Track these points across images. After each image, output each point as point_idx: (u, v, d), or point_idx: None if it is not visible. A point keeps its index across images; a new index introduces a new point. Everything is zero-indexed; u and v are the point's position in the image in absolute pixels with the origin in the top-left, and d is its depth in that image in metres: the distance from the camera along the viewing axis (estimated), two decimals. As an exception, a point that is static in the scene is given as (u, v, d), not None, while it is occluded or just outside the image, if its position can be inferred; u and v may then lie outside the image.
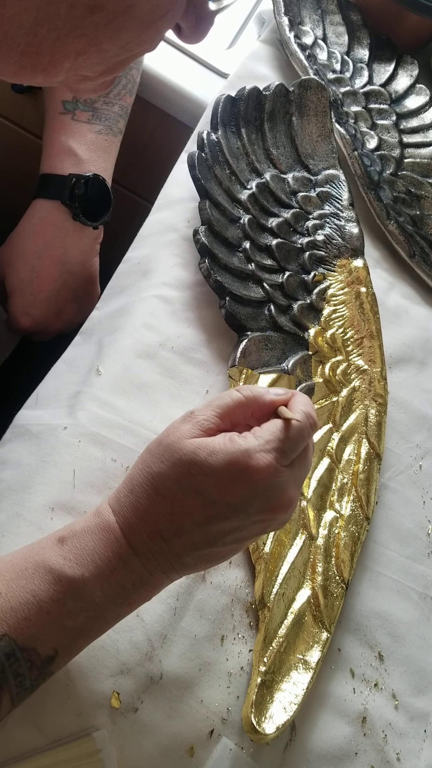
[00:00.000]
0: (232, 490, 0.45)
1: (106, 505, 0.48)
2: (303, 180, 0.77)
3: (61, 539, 0.46)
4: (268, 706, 0.54)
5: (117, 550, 0.45)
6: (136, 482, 0.47)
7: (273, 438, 0.46)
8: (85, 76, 0.41)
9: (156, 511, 0.45)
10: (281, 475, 0.46)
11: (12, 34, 0.36)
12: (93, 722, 0.50)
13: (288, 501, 0.47)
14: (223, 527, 0.45)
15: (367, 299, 0.74)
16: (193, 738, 0.52)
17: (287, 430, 0.47)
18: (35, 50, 0.37)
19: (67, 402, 0.62)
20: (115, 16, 0.37)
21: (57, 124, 0.80)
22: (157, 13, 0.38)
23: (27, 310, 0.80)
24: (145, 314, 0.67)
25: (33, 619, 0.43)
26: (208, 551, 0.46)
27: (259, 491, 0.45)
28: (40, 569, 0.44)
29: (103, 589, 0.45)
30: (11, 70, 0.39)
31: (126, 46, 0.39)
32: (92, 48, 0.38)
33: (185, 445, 0.45)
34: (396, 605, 0.64)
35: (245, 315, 0.67)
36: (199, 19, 0.43)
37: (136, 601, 0.47)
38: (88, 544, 0.45)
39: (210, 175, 0.71)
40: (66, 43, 0.37)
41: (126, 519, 0.46)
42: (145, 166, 0.99)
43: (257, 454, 0.45)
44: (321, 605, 0.59)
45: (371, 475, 0.66)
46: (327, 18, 0.92)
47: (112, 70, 0.41)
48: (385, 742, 0.58)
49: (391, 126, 0.88)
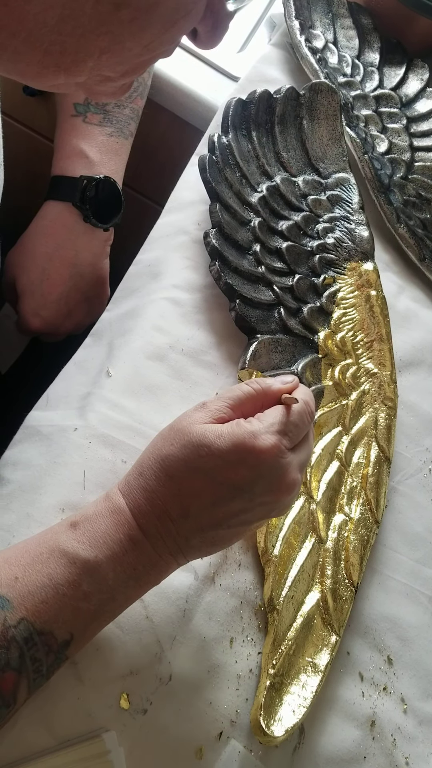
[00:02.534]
0: (239, 470, 0.46)
1: (115, 490, 0.49)
2: (313, 183, 0.77)
3: (73, 524, 0.47)
4: (276, 709, 0.54)
5: (128, 532, 0.46)
6: (145, 465, 0.48)
7: (276, 421, 0.48)
8: (107, 76, 0.41)
9: (164, 492, 0.47)
10: (285, 456, 0.47)
11: (36, 32, 0.36)
12: (102, 723, 0.50)
13: (292, 482, 0.48)
14: (229, 508, 0.47)
15: (377, 302, 0.74)
16: (201, 740, 0.52)
17: (288, 413, 0.49)
18: (59, 49, 0.37)
19: (77, 403, 0.62)
20: (139, 13, 0.37)
21: (68, 127, 0.80)
22: (180, 12, 0.39)
23: (37, 312, 0.80)
24: (155, 316, 0.67)
25: (50, 602, 0.44)
26: (214, 533, 0.48)
27: (264, 471, 0.47)
28: (55, 553, 0.45)
29: (116, 571, 0.46)
30: (33, 70, 0.39)
31: (149, 45, 0.39)
32: (116, 46, 0.38)
33: (195, 428, 0.47)
34: (405, 609, 0.64)
35: (255, 318, 0.67)
36: (216, 23, 0.43)
37: (146, 584, 0.48)
38: (100, 527, 0.47)
39: (220, 178, 0.72)
40: (90, 40, 0.37)
41: (135, 501, 0.47)
42: (155, 169, 0.99)
43: (262, 435, 0.47)
44: (330, 608, 0.59)
45: (381, 478, 0.66)
46: (338, 22, 0.92)
47: (133, 70, 0.41)
48: (393, 746, 0.58)
49: (402, 129, 0.88)
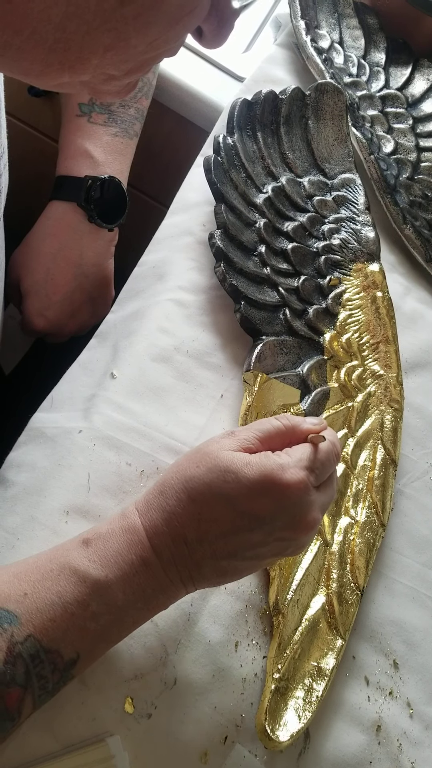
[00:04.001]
0: (262, 501, 0.46)
1: (132, 508, 0.48)
2: (319, 184, 0.77)
3: (85, 541, 0.47)
4: (282, 713, 0.53)
5: (140, 553, 0.46)
6: (167, 484, 0.48)
7: (305, 457, 0.48)
8: (111, 75, 0.41)
9: (184, 514, 0.46)
10: (310, 494, 0.47)
11: (40, 29, 0.35)
12: (107, 727, 0.50)
13: (312, 521, 0.48)
14: (246, 539, 0.46)
15: (383, 304, 0.73)
16: (206, 744, 0.52)
17: (316, 451, 0.49)
18: (63, 46, 0.37)
19: (82, 405, 0.62)
20: (144, 10, 0.37)
21: (73, 127, 0.80)
22: (186, 9, 0.38)
23: (42, 312, 0.80)
24: (160, 318, 0.67)
25: (58, 620, 0.43)
26: (227, 563, 0.47)
27: (288, 506, 0.46)
28: (66, 570, 0.45)
29: (125, 592, 0.45)
30: (37, 68, 0.38)
31: (153, 42, 0.39)
32: (121, 43, 0.38)
33: (223, 454, 0.47)
34: (411, 613, 0.63)
35: (260, 319, 0.67)
36: (221, 22, 0.42)
37: (155, 608, 0.48)
38: (112, 546, 0.46)
39: (226, 179, 0.71)
40: (95, 37, 0.37)
41: (152, 520, 0.47)
42: (160, 170, 0.99)
43: (291, 469, 0.47)
44: (336, 612, 0.59)
45: (387, 481, 0.66)
46: (343, 22, 0.92)
47: (138, 69, 0.41)
48: (399, 750, 0.58)
49: (408, 130, 0.88)
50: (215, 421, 0.63)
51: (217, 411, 0.64)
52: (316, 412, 0.66)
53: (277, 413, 0.64)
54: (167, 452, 0.61)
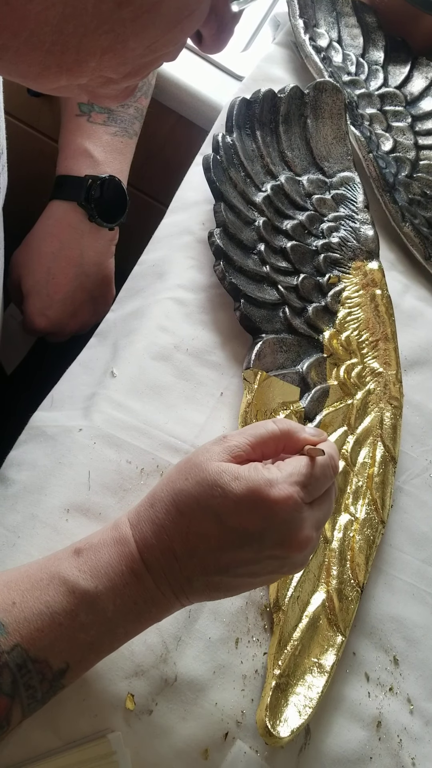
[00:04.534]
0: (250, 517, 0.45)
1: (125, 519, 0.48)
2: (318, 182, 0.77)
3: (77, 551, 0.46)
4: (282, 710, 0.54)
5: (130, 565, 0.45)
6: (157, 497, 0.47)
7: (296, 472, 0.46)
8: (109, 78, 0.40)
9: (173, 527, 0.45)
10: (301, 510, 0.46)
11: (38, 32, 0.35)
12: (108, 724, 0.50)
13: (304, 539, 0.46)
14: (236, 556, 0.45)
15: (382, 301, 0.73)
16: (207, 741, 0.52)
17: (312, 466, 0.47)
18: (61, 48, 0.37)
19: (82, 404, 0.62)
20: (142, 12, 0.36)
21: (73, 126, 0.80)
22: (184, 12, 0.38)
23: (43, 311, 0.80)
24: (160, 316, 0.67)
25: (45, 630, 0.43)
26: (218, 579, 0.46)
27: (277, 523, 0.45)
28: (55, 580, 0.44)
29: (116, 604, 0.45)
30: (35, 71, 0.38)
31: (151, 45, 0.39)
32: (118, 45, 0.38)
33: (211, 466, 0.46)
34: (411, 609, 0.64)
35: (260, 317, 0.67)
36: (220, 27, 0.42)
37: (147, 620, 0.47)
38: (103, 557, 0.46)
39: (225, 178, 0.72)
40: (92, 39, 0.37)
41: (142, 533, 0.46)
42: (160, 169, 0.99)
43: (279, 485, 0.45)
44: (336, 609, 0.59)
45: (386, 478, 0.66)
46: (342, 20, 0.92)
47: (136, 72, 0.41)
48: (400, 746, 0.58)
49: (407, 128, 0.88)
50: (215, 419, 0.64)
51: (217, 409, 0.64)
52: (316, 409, 0.66)
53: (277, 411, 0.64)
54: (167, 450, 0.61)
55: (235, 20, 0.43)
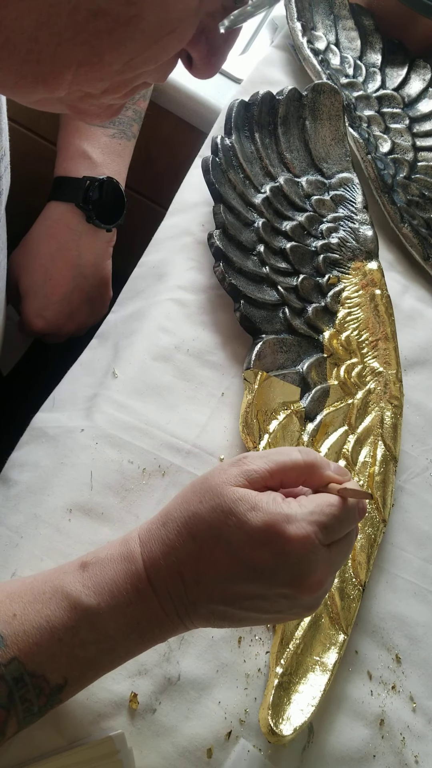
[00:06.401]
0: (262, 552, 0.43)
1: (134, 535, 0.47)
2: (317, 183, 0.78)
3: (83, 565, 0.45)
4: (285, 708, 0.54)
5: (136, 584, 0.44)
6: (170, 516, 0.46)
7: (318, 511, 0.44)
8: (88, 92, 0.39)
9: (183, 550, 0.44)
10: (316, 552, 0.44)
11: (13, 39, 0.35)
12: (111, 723, 0.50)
13: (317, 583, 0.44)
14: (243, 590, 0.44)
15: (381, 301, 0.74)
16: (211, 739, 0.52)
17: (341, 507, 0.45)
18: (36, 57, 0.36)
19: (83, 404, 0.62)
20: (118, 25, 0.35)
21: (72, 128, 0.80)
22: (164, 29, 0.37)
23: (40, 312, 0.81)
24: (160, 317, 0.67)
25: (44, 645, 0.42)
26: (223, 609, 0.45)
27: (289, 561, 0.43)
28: (58, 594, 0.44)
29: (118, 622, 0.44)
30: (12, 79, 0.38)
31: (130, 62, 0.37)
32: (94, 58, 0.37)
33: (228, 492, 0.44)
34: (413, 608, 0.64)
35: (260, 318, 0.68)
36: (211, 50, 0.41)
37: (150, 640, 0.46)
38: (108, 574, 0.44)
39: (224, 180, 0.72)
40: (67, 50, 0.36)
41: (151, 552, 0.45)
42: (159, 172, 1.00)
43: (298, 522, 0.43)
44: (338, 607, 0.59)
45: (387, 477, 0.66)
46: (339, 23, 0.92)
47: (115, 89, 0.39)
48: (403, 744, 0.58)
49: (404, 130, 0.88)
50: (216, 419, 0.64)
51: (217, 409, 0.64)
52: (316, 409, 0.66)
53: (278, 411, 0.64)
54: (168, 450, 0.61)
55: (228, 44, 0.41)
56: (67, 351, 0.72)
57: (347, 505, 0.45)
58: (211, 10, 0.39)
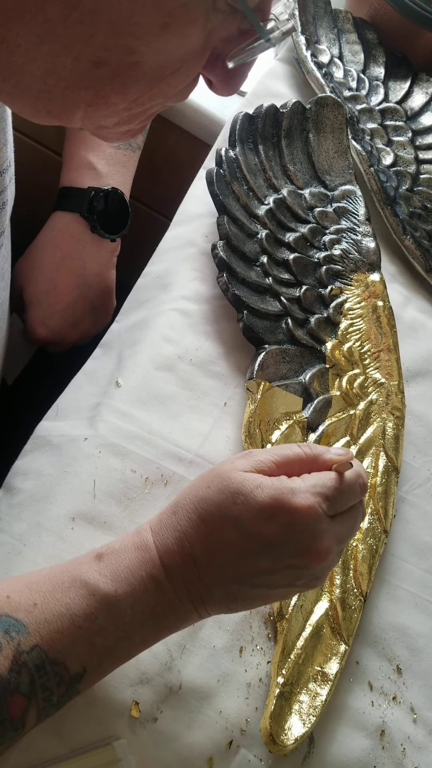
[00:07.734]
0: (270, 524, 0.45)
1: (146, 525, 0.49)
2: (320, 195, 0.78)
3: (99, 556, 0.47)
4: (286, 718, 0.54)
5: (150, 571, 0.46)
6: (180, 504, 0.48)
7: (320, 484, 0.47)
8: (101, 125, 0.41)
9: (194, 534, 0.46)
10: (321, 521, 0.46)
11: (24, 80, 0.37)
12: (113, 731, 0.50)
13: (324, 550, 0.46)
14: (255, 565, 0.46)
15: (384, 313, 0.74)
16: (212, 749, 0.52)
17: (339, 480, 0.47)
18: (47, 97, 0.38)
19: (87, 413, 0.63)
20: (119, 72, 0.37)
21: (77, 139, 0.81)
22: (167, 70, 0.38)
23: (44, 321, 0.81)
24: (164, 327, 0.68)
25: (65, 632, 0.44)
26: (236, 588, 0.46)
27: (296, 531, 0.45)
28: (76, 583, 0.45)
29: (134, 609, 0.45)
30: (28, 111, 0.40)
31: (137, 100, 0.39)
32: (100, 100, 0.38)
33: (235, 475, 0.47)
34: (414, 619, 0.64)
35: (263, 328, 0.68)
36: (228, 73, 0.41)
37: (165, 628, 0.48)
38: (123, 562, 0.46)
39: (228, 191, 0.72)
40: (75, 93, 0.38)
41: (163, 539, 0.47)
42: (163, 183, 1.00)
43: (302, 493, 0.46)
44: (339, 618, 0.59)
45: (389, 488, 0.67)
46: (343, 37, 0.93)
47: (128, 121, 0.41)
48: (403, 755, 0.58)
49: (407, 142, 0.89)
50: (219, 428, 0.64)
51: (220, 419, 0.65)
52: (319, 419, 0.67)
53: (280, 421, 0.65)
54: (171, 459, 0.61)
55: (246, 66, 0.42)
56: (70, 360, 0.72)
57: (347, 478, 0.48)
58: (225, 35, 0.39)
